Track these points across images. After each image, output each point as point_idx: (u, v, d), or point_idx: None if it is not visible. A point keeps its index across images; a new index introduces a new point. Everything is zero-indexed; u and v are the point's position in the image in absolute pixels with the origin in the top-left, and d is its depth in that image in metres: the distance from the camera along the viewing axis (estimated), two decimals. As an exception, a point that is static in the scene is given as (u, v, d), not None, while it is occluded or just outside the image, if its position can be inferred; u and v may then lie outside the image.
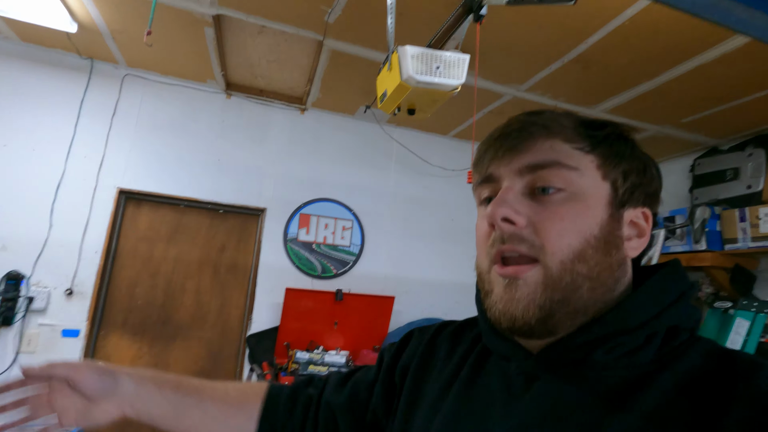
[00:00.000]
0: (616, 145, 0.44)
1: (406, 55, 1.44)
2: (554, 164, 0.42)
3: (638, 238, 0.45)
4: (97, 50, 2.45)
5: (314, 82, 2.59)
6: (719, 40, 1.82)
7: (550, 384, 0.42)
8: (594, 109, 2.58)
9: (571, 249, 0.40)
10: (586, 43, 1.92)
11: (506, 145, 0.44)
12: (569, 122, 0.44)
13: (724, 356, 0.38)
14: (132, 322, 2.49)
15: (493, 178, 0.45)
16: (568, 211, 0.41)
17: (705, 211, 2.57)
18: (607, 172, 0.43)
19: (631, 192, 0.44)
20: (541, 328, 0.40)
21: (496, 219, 0.41)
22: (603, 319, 0.40)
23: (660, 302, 0.41)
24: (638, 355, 0.39)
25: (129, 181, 2.54)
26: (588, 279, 0.40)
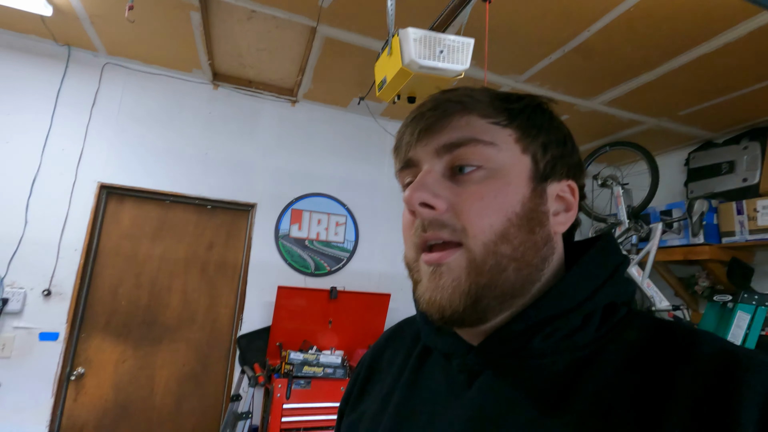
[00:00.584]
0: (533, 117, 0.43)
1: (408, 39, 1.36)
2: (470, 141, 0.40)
3: (566, 212, 0.43)
4: (75, 36, 2.31)
5: (306, 72, 2.50)
6: (724, 28, 1.78)
7: (490, 379, 0.40)
8: (592, 101, 2.54)
9: (493, 229, 0.38)
10: (590, 30, 1.86)
11: (421, 125, 0.42)
12: (485, 97, 0.43)
13: (662, 328, 0.38)
14: (115, 323, 2.37)
15: (413, 162, 0.43)
16: (488, 189, 0.39)
17: (703, 204, 2.56)
18: (527, 146, 0.41)
19: (553, 165, 0.42)
20: (471, 316, 0.39)
21: (413, 204, 0.39)
22: (538, 303, 0.39)
23: (594, 280, 0.40)
24: (576, 337, 0.38)
25: (110, 176, 2.41)
26: (513, 260, 0.38)
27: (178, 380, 2.43)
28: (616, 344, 0.37)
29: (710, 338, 0.35)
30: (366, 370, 0.56)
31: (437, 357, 0.47)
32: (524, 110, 0.42)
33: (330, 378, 2.17)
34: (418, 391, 0.46)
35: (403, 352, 0.52)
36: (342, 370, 2.19)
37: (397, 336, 0.56)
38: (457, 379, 0.43)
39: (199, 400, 2.44)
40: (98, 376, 2.30)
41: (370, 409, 0.49)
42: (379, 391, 0.51)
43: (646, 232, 2.86)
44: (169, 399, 2.40)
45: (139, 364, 2.38)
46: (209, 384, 2.47)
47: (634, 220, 2.88)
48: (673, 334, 0.36)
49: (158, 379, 2.40)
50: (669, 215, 2.83)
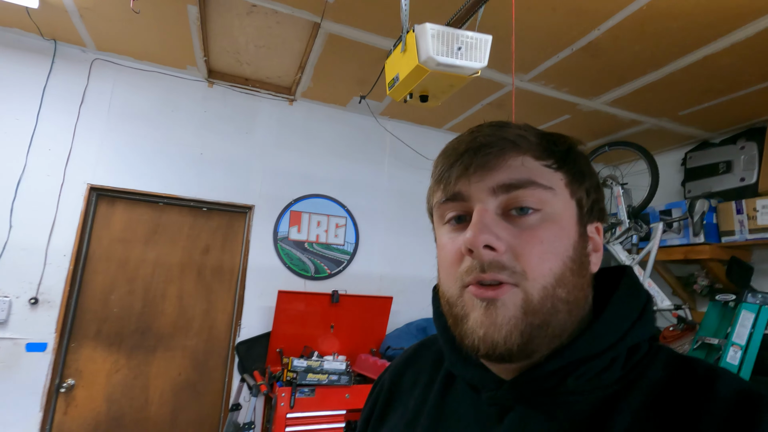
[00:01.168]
0: (578, 162, 0.44)
1: (426, 34, 1.30)
2: (530, 183, 0.40)
3: (595, 253, 0.44)
4: (62, 30, 2.19)
5: (306, 70, 2.42)
6: (733, 28, 1.78)
7: (523, 415, 0.40)
8: (594, 101, 2.53)
9: (553, 273, 0.39)
10: (599, 29, 1.84)
11: (477, 161, 0.41)
12: (534, 137, 0.43)
13: (683, 366, 0.40)
14: (107, 332, 2.26)
15: (462, 196, 0.42)
16: (546, 234, 0.40)
17: (704, 204, 2.57)
18: (574, 191, 0.43)
19: (592, 209, 0.44)
20: (521, 354, 0.39)
21: (477, 246, 0.39)
22: (573, 344, 0.39)
23: (626, 321, 0.41)
24: (604, 377, 0.39)
25: (101, 177, 2.30)
26: (567, 303, 0.39)
27: (174, 390, 2.33)
28: (641, 383, 0.39)
29: (729, 378, 0.37)
30: (387, 392, 0.55)
31: (463, 386, 0.47)
32: (569, 154, 0.43)
33: (335, 385, 2.11)
34: (446, 420, 0.46)
35: (426, 377, 0.52)
36: (347, 377, 2.13)
37: (418, 358, 0.56)
38: (487, 412, 0.43)
39: (196, 411, 2.35)
40: (89, 388, 2.19)
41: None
42: (402, 415, 0.50)
43: (645, 231, 2.87)
44: (165, 410, 2.30)
45: (133, 374, 2.28)
46: (207, 393, 2.38)
47: (634, 219, 2.89)
48: (694, 374, 0.38)
49: (153, 389, 2.30)
50: (668, 215, 2.85)
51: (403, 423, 0.49)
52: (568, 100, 2.52)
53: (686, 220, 2.69)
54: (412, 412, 0.49)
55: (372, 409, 0.56)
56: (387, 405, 0.54)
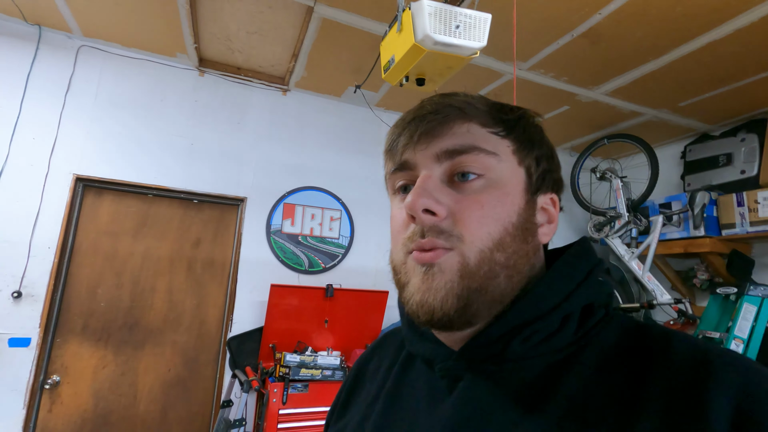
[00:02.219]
0: (528, 130, 0.44)
1: (423, 12, 1.25)
2: (473, 149, 0.40)
3: (549, 224, 0.44)
4: (47, 16, 2.12)
5: (299, 59, 2.36)
6: (737, 12, 1.73)
7: (470, 384, 0.40)
8: (594, 91, 2.48)
9: (491, 237, 0.39)
10: (601, 13, 1.79)
11: (421, 129, 0.41)
12: (483, 105, 0.43)
13: (638, 330, 0.39)
14: (94, 327, 2.19)
15: (409, 164, 0.42)
16: (488, 198, 0.40)
17: (705, 197, 2.54)
18: (522, 158, 0.43)
19: (543, 178, 0.44)
20: (460, 319, 0.38)
21: (416, 210, 0.39)
22: (516, 307, 0.39)
23: (569, 283, 0.40)
24: (554, 341, 0.39)
25: (88, 167, 2.23)
26: (505, 267, 0.39)
27: (164, 386, 2.26)
28: (592, 346, 0.38)
29: (684, 338, 0.36)
30: (352, 380, 0.56)
31: (420, 364, 0.47)
32: (519, 122, 0.43)
33: (329, 380, 2.05)
34: (401, 399, 0.46)
35: (388, 362, 0.53)
36: (341, 372, 2.08)
37: (383, 345, 0.57)
38: (439, 385, 0.43)
39: (186, 407, 2.28)
40: (75, 384, 2.12)
41: (354, 418, 0.49)
42: (363, 400, 0.51)
43: (645, 225, 2.83)
44: (154, 407, 2.24)
45: (121, 370, 2.21)
46: (197, 390, 2.31)
47: (633, 213, 2.85)
48: (649, 335, 0.37)
49: (141, 385, 2.23)
50: (668, 208, 2.81)
51: (364, 405, 0.50)
52: (567, 90, 2.47)
53: (686, 214, 2.66)
54: (373, 395, 0.50)
55: (338, 399, 0.57)
56: (351, 392, 0.55)
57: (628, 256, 2.75)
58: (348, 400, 0.54)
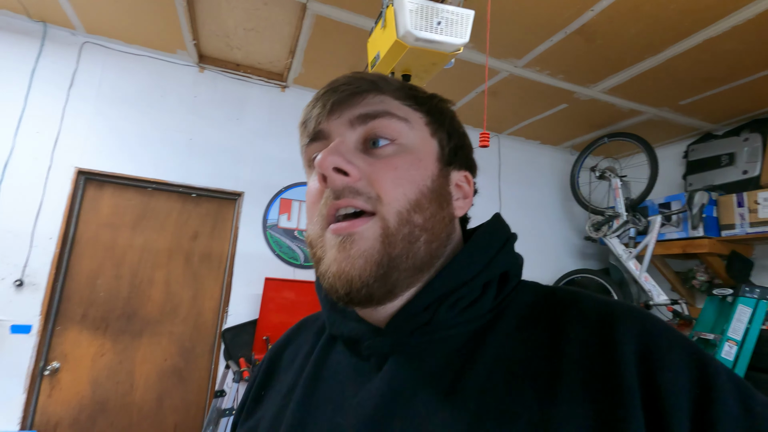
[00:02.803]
0: (439, 106, 0.46)
1: (404, 8, 1.26)
2: (385, 114, 0.41)
3: (464, 199, 0.46)
4: (51, 13, 2.18)
5: (296, 55, 2.39)
6: (733, 9, 1.71)
7: (400, 359, 0.40)
8: (592, 89, 2.46)
9: (407, 198, 0.39)
10: (593, 10, 1.78)
11: (334, 98, 0.42)
12: (396, 83, 0.45)
13: (549, 293, 0.42)
14: (93, 316, 2.25)
15: (323, 134, 0.42)
16: (401, 161, 0.40)
17: (703, 197, 2.50)
18: (434, 130, 0.44)
19: (455, 152, 0.46)
20: (380, 290, 0.38)
21: (326, 168, 0.38)
22: (441, 275, 0.40)
23: (489, 251, 0.42)
24: (477, 306, 0.40)
25: (89, 161, 2.29)
26: (424, 230, 0.39)
27: (160, 375, 2.32)
28: (511, 309, 0.41)
29: (590, 295, 0.40)
30: (263, 374, 0.53)
31: (342, 347, 0.46)
32: (431, 100, 0.45)
33: (319, 373, 2.08)
34: (323, 382, 0.44)
35: (306, 348, 0.51)
36: (331, 365, 2.10)
37: (299, 333, 0.55)
38: (364, 365, 0.42)
39: (181, 396, 2.34)
40: (74, 371, 2.18)
41: (269, 412, 0.47)
42: (278, 392, 0.48)
43: (644, 225, 2.80)
44: (150, 395, 2.29)
45: (119, 359, 2.27)
46: (192, 379, 2.36)
47: (632, 212, 2.82)
48: (559, 295, 0.41)
49: (138, 374, 2.29)
50: (668, 208, 2.78)
51: (279, 397, 0.47)
52: (564, 88, 2.45)
53: (685, 214, 2.63)
54: (290, 384, 0.47)
55: (246, 396, 0.53)
56: (263, 387, 0.51)
57: (626, 256, 2.73)
58: (259, 395, 0.51)
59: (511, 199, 3.26)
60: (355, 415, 0.38)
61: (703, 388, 0.32)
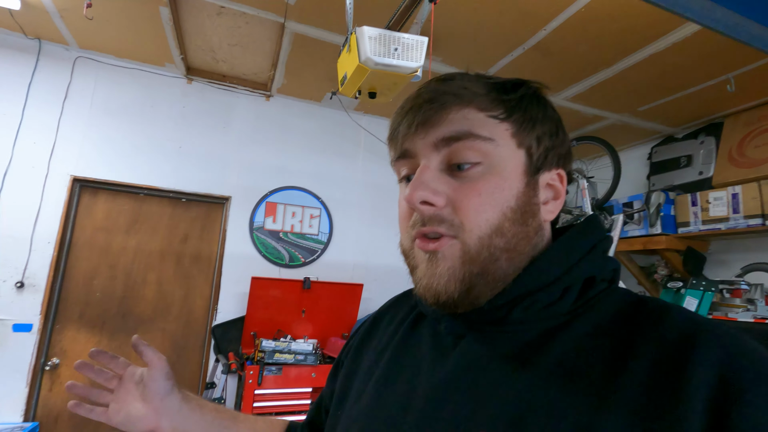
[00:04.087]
0: (529, 109, 0.44)
1: (364, 37, 1.42)
2: (468, 136, 0.41)
3: (554, 201, 0.45)
4: (45, 30, 2.31)
5: (278, 68, 2.54)
6: (671, 29, 1.88)
7: (472, 340, 0.43)
8: (556, 97, 2.63)
9: (489, 224, 0.40)
10: (545, 29, 1.95)
11: (419, 118, 0.42)
12: (481, 88, 0.43)
13: (637, 302, 0.40)
14: (90, 315, 2.40)
15: (410, 153, 0.44)
16: (485, 186, 0.41)
17: (660, 196, 2.68)
18: (522, 140, 0.43)
19: (545, 156, 0.44)
20: (464, 302, 0.41)
21: (414, 203, 0.41)
22: (519, 279, 0.41)
23: (571, 256, 0.42)
24: (554, 308, 0.41)
25: (83, 169, 2.43)
26: (505, 251, 0.41)
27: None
28: (589, 314, 0.40)
29: (681, 310, 0.37)
30: (368, 327, 0.60)
31: (429, 322, 0.51)
32: (521, 102, 0.43)
33: (301, 364, 2.25)
34: (408, 349, 0.50)
35: (401, 316, 0.56)
36: (313, 357, 2.27)
37: (399, 302, 0.61)
38: (444, 341, 0.46)
39: (174, 389, 2.49)
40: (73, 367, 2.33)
41: (365, 363, 0.54)
42: (374, 347, 0.55)
43: (610, 223, 2.99)
44: (145, 388, 2.45)
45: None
46: (185, 373, 2.52)
47: (598, 211, 3.00)
48: (646, 306, 0.39)
49: (134, 368, 2.44)
50: (630, 207, 2.96)
51: (374, 353, 0.54)
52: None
53: (645, 212, 2.81)
54: (383, 344, 0.54)
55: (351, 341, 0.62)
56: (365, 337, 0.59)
57: (592, 253, 2.90)
58: (361, 345, 0.58)
59: (488, 200, 3.43)
60: (428, 380, 0.44)
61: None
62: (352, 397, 0.51)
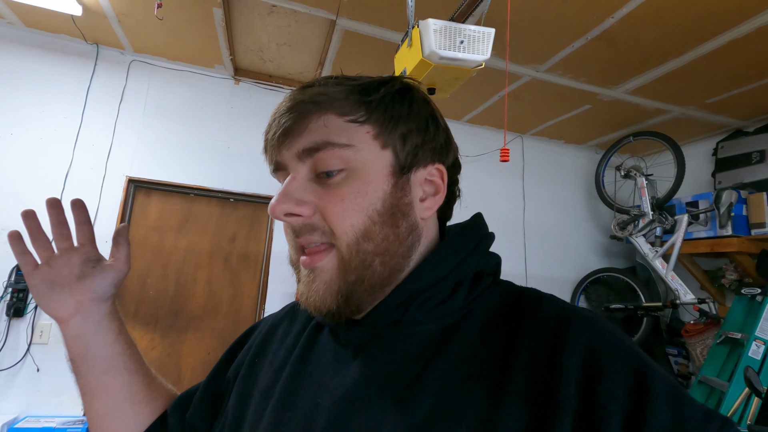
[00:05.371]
0: (391, 108, 0.42)
1: (429, 29, 1.36)
2: (326, 145, 0.40)
3: (434, 197, 0.45)
4: (103, 35, 2.38)
5: (325, 66, 2.52)
6: (755, 12, 1.72)
7: (373, 350, 0.42)
8: (615, 90, 2.49)
9: (354, 230, 0.40)
10: (614, 17, 1.83)
11: (280, 130, 0.41)
12: (341, 93, 0.42)
13: (517, 294, 0.43)
14: (144, 312, 2.46)
15: (281, 165, 0.43)
16: (348, 191, 0.40)
17: (732, 195, 2.49)
18: (386, 141, 0.42)
19: (415, 153, 0.43)
20: (345, 311, 0.41)
21: (278, 215, 0.40)
22: (411, 276, 0.42)
23: (460, 252, 0.43)
24: (447, 305, 0.42)
25: (137, 170, 2.49)
26: (377, 255, 0.40)
27: (204, 368, 2.51)
28: (479, 309, 0.42)
29: (553, 300, 0.41)
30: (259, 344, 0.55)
31: (327, 333, 0.49)
32: (382, 101, 0.42)
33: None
34: (309, 364, 0.47)
35: (298, 328, 0.53)
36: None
37: (294, 311, 0.58)
38: (345, 352, 0.45)
39: (224, 387, 2.52)
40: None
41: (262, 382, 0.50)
42: (270, 363, 0.51)
43: (671, 224, 2.80)
44: (196, 385, 2.48)
45: (167, 352, 2.47)
46: (233, 372, 2.54)
47: (658, 211, 2.82)
48: (526, 297, 0.42)
49: (185, 366, 2.49)
50: (695, 206, 2.76)
51: (271, 370, 0.50)
52: (587, 90, 2.49)
53: (713, 212, 2.61)
54: (280, 359, 0.50)
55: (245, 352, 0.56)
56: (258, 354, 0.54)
57: (652, 255, 2.73)
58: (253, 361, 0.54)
59: (535, 199, 3.31)
60: (331, 397, 0.41)
61: (638, 396, 0.32)
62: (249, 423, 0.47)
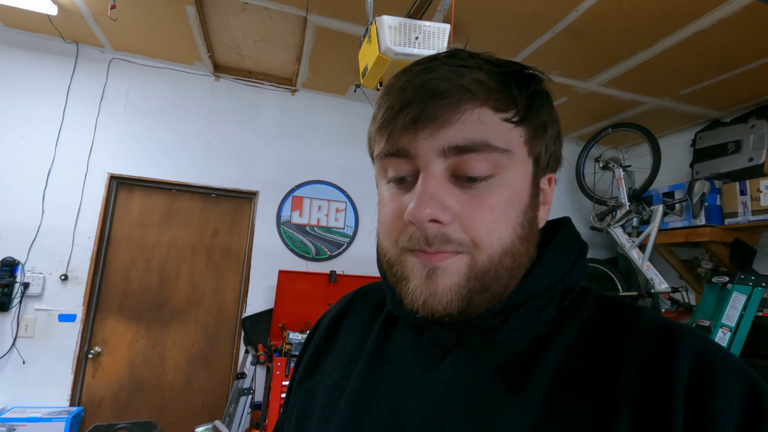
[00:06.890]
0: (542, 110, 0.39)
1: (384, 26, 1.39)
2: (485, 147, 0.36)
3: (544, 206, 0.43)
4: (81, 34, 2.41)
5: (302, 62, 2.54)
6: (716, 4, 1.74)
7: (462, 353, 0.41)
8: (589, 83, 2.51)
9: (501, 243, 0.37)
10: (577, 10, 1.85)
11: (426, 114, 0.35)
12: (495, 81, 0.37)
13: (611, 304, 0.42)
14: (128, 306, 2.52)
15: (408, 153, 0.37)
16: (497, 201, 0.37)
17: (704, 185, 2.51)
18: (533, 148, 0.39)
19: (548, 162, 0.41)
20: (460, 316, 0.39)
21: (423, 221, 0.36)
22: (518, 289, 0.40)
23: (563, 265, 0.42)
24: (541, 315, 0.41)
25: (120, 167, 2.54)
26: (510, 269, 0.38)
27: (188, 359, 2.57)
28: (573, 320, 0.40)
29: (651, 313, 0.39)
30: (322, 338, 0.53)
31: (403, 327, 0.46)
32: (533, 102, 0.38)
33: (328, 357, 2.26)
34: (385, 361, 0.44)
35: (365, 320, 0.51)
36: (339, 350, 2.28)
37: (359, 302, 0.54)
38: (428, 351, 0.42)
39: (207, 378, 2.58)
40: (114, 355, 2.46)
41: (330, 378, 0.47)
42: (338, 359, 0.49)
43: (648, 214, 2.83)
44: (180, 376, 2.55)
45: (151, 344, 2.53)
46: (217, 363, 2.61)
47: (635, 202, 2.85)
48: (622, 310, 0.40)
49: (169, 358, 2.55)
50: (671, 197, 2.79)
51: (340, 366, 0.47)
52: (561, 83, 2.51)
53: (687, 202, 2.64)
54: (349, 353, 0.48)
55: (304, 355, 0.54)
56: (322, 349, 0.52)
57: (629, 245, 2.77)
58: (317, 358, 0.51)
59: (518, 191, 3.33)
60: (421, 399, 0.39)
61: (753, 416, 0.31)
62: (319, 417, 0.45)
